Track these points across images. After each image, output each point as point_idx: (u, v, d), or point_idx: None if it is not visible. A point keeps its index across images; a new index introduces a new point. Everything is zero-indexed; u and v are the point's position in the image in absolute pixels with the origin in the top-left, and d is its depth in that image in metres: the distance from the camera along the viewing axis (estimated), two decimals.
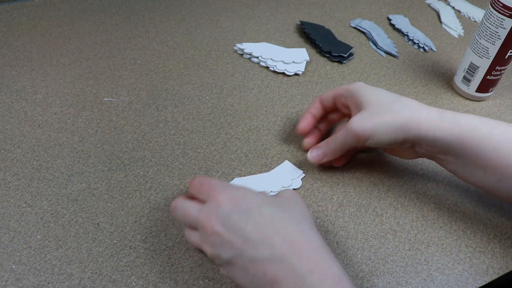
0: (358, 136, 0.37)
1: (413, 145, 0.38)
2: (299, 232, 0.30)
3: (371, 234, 0.39)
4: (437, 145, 0.36)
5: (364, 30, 0.68)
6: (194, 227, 0.32)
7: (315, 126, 0.46)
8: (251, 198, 0.31)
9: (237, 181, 0.43)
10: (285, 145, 0.47)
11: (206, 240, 0.30)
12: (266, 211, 0.30)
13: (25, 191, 0.41)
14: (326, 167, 0.45)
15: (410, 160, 0.46)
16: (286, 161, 0.45)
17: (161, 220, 0.39)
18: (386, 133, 0.36)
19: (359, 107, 0.39)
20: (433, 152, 0.37)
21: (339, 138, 0.39)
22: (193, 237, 0.33)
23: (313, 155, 0.42)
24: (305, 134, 0.45)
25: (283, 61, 0.59)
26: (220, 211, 0.30)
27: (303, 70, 0.58)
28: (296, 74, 0.58)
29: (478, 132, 0.34)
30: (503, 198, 0.36)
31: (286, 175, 0.43)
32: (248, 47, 0.61)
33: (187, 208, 0.32)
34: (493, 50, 0.49)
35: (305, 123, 0.44)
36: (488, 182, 0.35)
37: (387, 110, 0.36)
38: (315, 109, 0.44)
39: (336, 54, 0.61)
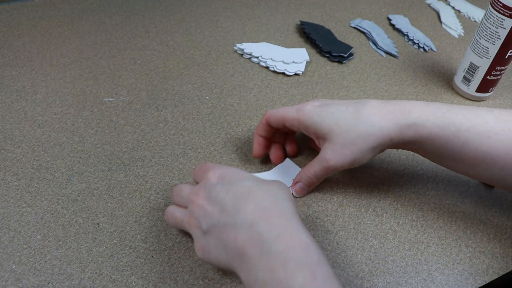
0: (339, 168, 0.38)
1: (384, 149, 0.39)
2: (272, 201, 0.31)
3: (371, 234, 0.39)
4: (406, 145, 0.37)
5: (364, 30, 0.68)
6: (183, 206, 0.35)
7: (270, 142, 0.45)
8: (236, 173, 0.34)
9: None
10: None
11: (192, 213, 0.32)
12: (246, 183, 0.32)
13: (25, 191, 0.41)
14: None
15: (410, 160, 0.46)
16: (287, 159, 0.45)
17: (161, 220, 0.39)
18: (364, 157, 0.37)
19: (323, 138, 0.38)
20: (404, 148, 0.38)
21: (319, 173, 0.39)
22: (178, 213, 0.35)
23: (297, 190, 0.41)
24: (262, 156, 0.44)
25: (283, 61, 0.59)
26: (207, 185, 0.33)
27: (303, 70, 0.58)
28: (296, 74, 0.58)
29: (446, 130, 0.35)
30: (476, 179, 0.39)
31: (287, 174, 0.43)
32: (248, 47, 0.61)
33: (181, 187, 0.35)
34: (493, 50, 0.49)
35: (259, 147, 0.43)
36: (459, 170, 0.37)
37: (357, 137, 0.36)
38: (264, 132, 0.42)
39: (336, 54, 0.61)
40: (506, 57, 0.50)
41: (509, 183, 0.35)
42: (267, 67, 0.59)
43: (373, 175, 0.45)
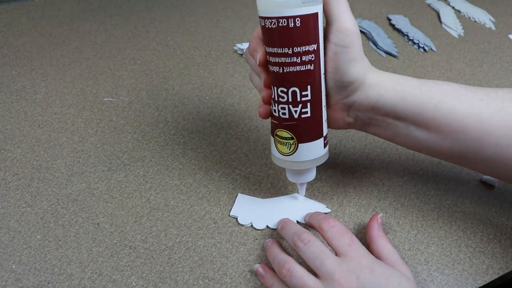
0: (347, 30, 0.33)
1: (350, 105, 0.35)
2: None
3: None
4: (378, 105, 0.34)
5: (364, 30, 0.68)
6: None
7: None
8: (390, 274, 0.31)
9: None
10: None
11: None
12: None
13: (25, 191, 0.41)
14: (326, 167, 0.45)
15: (410, 160, 0.46)
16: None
17: (161, 220, 0.39)
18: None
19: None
20: (372, 115, 0.35)
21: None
22: (312, 282, 0.31)
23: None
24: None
25: None
26: (361, 276, 0.30)
27: None
28: None
29: (417, 90, 0.34)
30: (444, 158, 0.36)
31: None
32: None
33: (324, 253, 0.32)
34: None
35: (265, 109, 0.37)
36: (430, 143, 0.35)
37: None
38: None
39: None
40: None
41: (482, 157, 0.33)
42: None
43: (373, 175, 0.45)
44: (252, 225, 0.39)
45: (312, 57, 0.32)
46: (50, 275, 0.35)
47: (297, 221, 0.39)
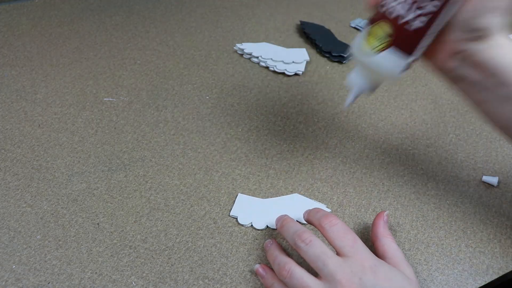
0: None
1: (461, 51, 0.31)
2: None
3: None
4: (489, 65, 0.31)
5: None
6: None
7: None
8: (394, 275, 0.31)
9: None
10: (285, 145, 0.47)
11: None
12: None
13: (25, 191, 0.41)
14: (326, 167, 0.45)
15: (410, 160, 0.46)
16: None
17: (161, 220, 0.39)
18: None
19: None
20: (473, 72, 0.32)
21: None
22: (311, 282, 0.31)
23: None
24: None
25: (283, 61, 0.59)
26: (363, 278, 0.30)
27: (303, 70, 0.58)
28: (296, 74, 0.58)
29: None
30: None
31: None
32: (248, 47, 0.61)
33: (326, 254, 0.32)
34: None
35: None
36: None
37: None
38: None
39: (336, 54, 0.61)
40: None
41: None
42: (267, 67, 0.59)
43: (373, 175, 0.45)
44: (252, 225, 0.39)
45: None
46: (50, 275, 0.35)
47: (296, 220, 0.39)
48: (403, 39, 0.32)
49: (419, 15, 0.31)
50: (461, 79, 0.33)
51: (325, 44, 0.62)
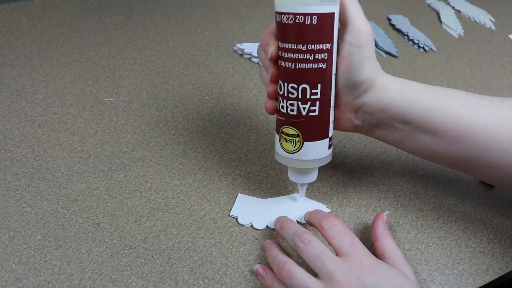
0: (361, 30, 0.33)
1: (359, 107, 0.35)
2: None
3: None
4: (387, 108, 0.34)
5: None
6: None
7: None
8: (392, 275, 0.31)
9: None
10: None
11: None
12: None
13: (25, 191, 0.41)
14: (326, 167, 0.45)
15: (410, 160, 0.46)
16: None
17: (161, 220, 0.39)
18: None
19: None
20: (380, 118, 0.35)
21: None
22: (298, 270, 0.32)
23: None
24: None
25: None
26: (362, 277, 0.30)
27: None
28: None
29: (425, 94, 0.34)
30: (449, 165, 0.36)
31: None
32: (248, 47, 0.61)
33: (324, 253, 0.32)
34: None
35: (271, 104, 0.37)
36: (436, 148, 0.35)
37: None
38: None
39: None
40: None
41: (487, 163, 0.34)
42: None
43: (373, 175, 0.45)
44: (252, 225, 0.39)
45: (325, 56, 0.32)
46: (50, 275, 0.35)
47: (297, 221, 0.39)
48: (312, 132, 0.35)
49: (309, 108, 0.34)
50: (373, 128, 0.36)
51: None
